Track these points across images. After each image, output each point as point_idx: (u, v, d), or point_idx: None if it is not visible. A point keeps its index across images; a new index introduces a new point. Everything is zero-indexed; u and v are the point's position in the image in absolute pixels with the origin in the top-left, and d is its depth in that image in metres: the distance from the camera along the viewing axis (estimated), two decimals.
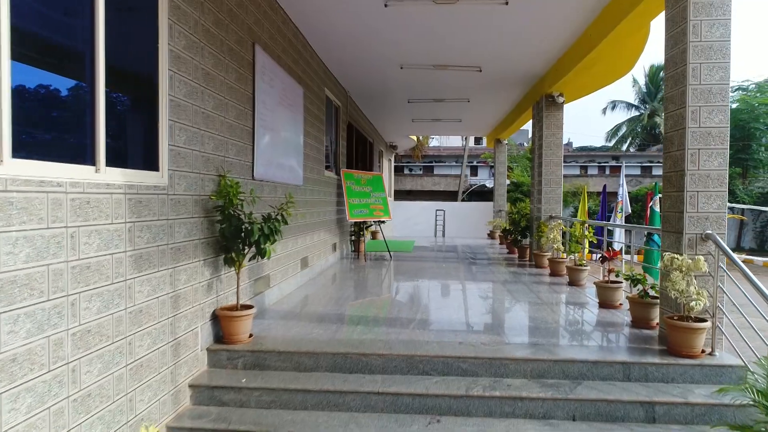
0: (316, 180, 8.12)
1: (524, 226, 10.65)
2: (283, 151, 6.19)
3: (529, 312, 5.56)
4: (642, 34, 7.27)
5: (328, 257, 9.03)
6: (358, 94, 11.29)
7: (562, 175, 9.40)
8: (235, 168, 4.71)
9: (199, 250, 3.97)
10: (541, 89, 9.43)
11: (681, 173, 4.19)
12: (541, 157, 9.44)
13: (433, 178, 36.76)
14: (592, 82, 9.03)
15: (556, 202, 9.39)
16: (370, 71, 9.17)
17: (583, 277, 7.20)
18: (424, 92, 10.96)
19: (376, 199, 10.65)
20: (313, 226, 7.83)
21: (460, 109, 12.92)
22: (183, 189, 3.70)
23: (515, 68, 8.81)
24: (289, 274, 6.55)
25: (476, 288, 7.18)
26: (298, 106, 6.85)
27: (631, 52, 7.86)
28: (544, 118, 9.33)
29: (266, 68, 5.50)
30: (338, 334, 4.54)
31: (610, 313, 5.48)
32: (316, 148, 8.11)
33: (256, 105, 5.22)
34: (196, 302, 3.95)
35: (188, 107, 3.76)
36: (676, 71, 4.28)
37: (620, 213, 11.03)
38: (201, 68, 3.97)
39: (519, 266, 9.59)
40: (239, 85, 4.81)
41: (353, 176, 10.18)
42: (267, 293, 5.63)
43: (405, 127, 16.36)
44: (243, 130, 4.93)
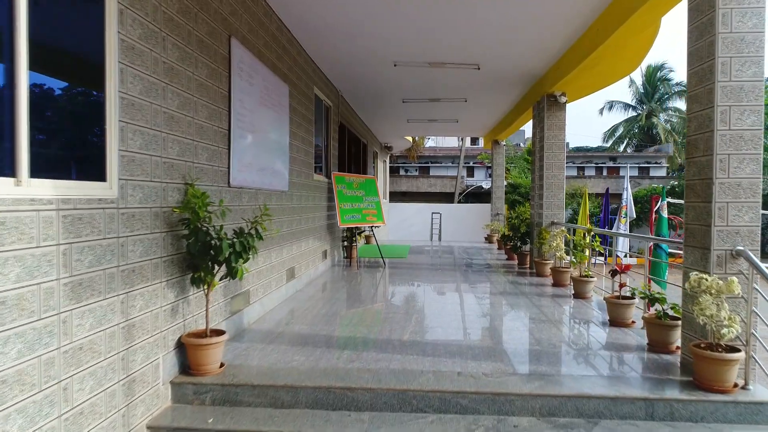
0: (305, 184, 7.62)
1: (524, 232, 10.18)
2: (266, 155, 5.69)
3: (533, 332, 5.08)
4: (651, 31, 6.81)
5: (318, 266, 8.53)
6: (351, 94, 10.79)
7: (564, 178, 8.93)
8: (206, 175, 4.20)
9: (160, 269, 3.46)
10: (542, 88, 8.96)
11: (708, 182, 3.71)
12: (542, 159, 8.97)
13: (429, 179, 36.28)
14: (596, 81, 8.56)
15: (558, 207, 8.91)
16: (362, 69, 8.68)
17: (589, 289, 6.72)
18: (419, 92, 10.47)
19: (369, 203, 10.15)
20: (300, 234, 7.32)
21: (457, 110, 12.44)
22: (139, 201, 3.20)
23: (515, 66, 8.34)
24: (273, 287, 6.04)
25: (475, 301, 6.69)
26: (283, 105, 6.35)
27: (637, 49, 7.40)
28: (545, 119, 8.86)
29: (245, 64, 4.99)
30: (321, 361, 4.04)
31: (623, 333, 5.00)
32: (305, 150, 7.61)
33: (232, 104, 4.72)
34: (157, 330, 3.44)
35: (145, 106, 3.26)
36: (701, 66, 3.80)
37: (624, 218, 10.58)
38: (163, 62, 3.46)
39: (519, 274, 9.11)
40: (212, 82, 4.30)
41: (345, 180, 9.67)
42: (246, 311, 5.12)
43: (400, 127, 15.87)
44: (217, 133, 4.42)
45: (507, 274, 9.23)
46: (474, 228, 19.22)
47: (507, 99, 10.97)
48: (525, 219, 10.56)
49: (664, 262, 8.08)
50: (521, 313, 5.95)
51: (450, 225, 21.03)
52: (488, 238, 16.16)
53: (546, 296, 6.93)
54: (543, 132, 8.94)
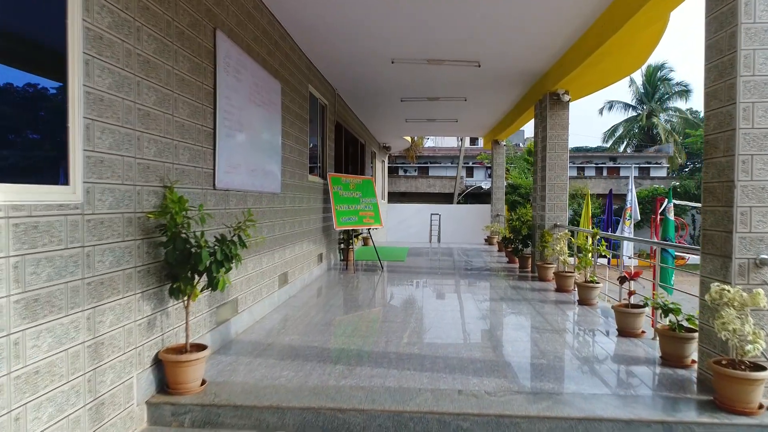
0: (298, 186, 7.33)
1: (525, 235, 9.90)
2: (256, 155, 5.40)
3: (538, 342, 4.79)
4: (659, 27, 6.53)
5: (313, 270, 8.24)
6: (348, 93, 10.50)
7: (567, 179, 8.65)
8: (188, 177, 3.91)
9: (135, 280, 3.17)
10: (545, 87, 8.68)
11: (728, 185, 3.43)
12: (545, 160, 8.69)
13: (428, 179, 36.00)
14: (600, 78, 8.28)
15: (561, 209, 8.63)
16: (359, 66, 8.40)
17: (594, 295, 6.44)
18: (417, 90, 10.19)
19: (366, 205, 9.87)
20: (294, 237, 7.04)
21: (457, 109, 12.16)
22: (108, 206, 2.91)
23: (516, 64, 8.06)
24: (264, 294, 5.75)
25: (475, 308, 6.41)
26: (275, 103, 6.06)
27: (644, 46, 7.12)
28: (548, 118, 8.58)
29: (232, 58, 4.71)
30: (312, 377, 3.75)
31: (633, 344, 4.71)
32: (298, 150, 7.33)
33: (218, 101, 4.43)
34: (131, 346, 3.15)
35: (116, 102, 2.97)
36: (721, 60, 3.52)
37: (629, 220, 10.30)
38: (136, 54, 3.17)
39: (520, 278, 8.83)
40: (195, 77, 4.01)
41: (341, 181, 9.39)
42: (234, 320, 4.83)
43: (398, 127, 15.59)
44: (200, 131, 4.14)
45: (508, 278, 8.95)
46: (474, 229, 18.94)
47: (508, 98, 10.69)
48: (526, 221, 10.29)
49: (671, 268, 7.79)
50: (524, 322, 5.67)
51: (449, 226, 20.76)
52: (488, 239, 15.88)
53: (549, 302, 6.64)
54: (545, 131, 8.67)
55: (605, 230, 10.98)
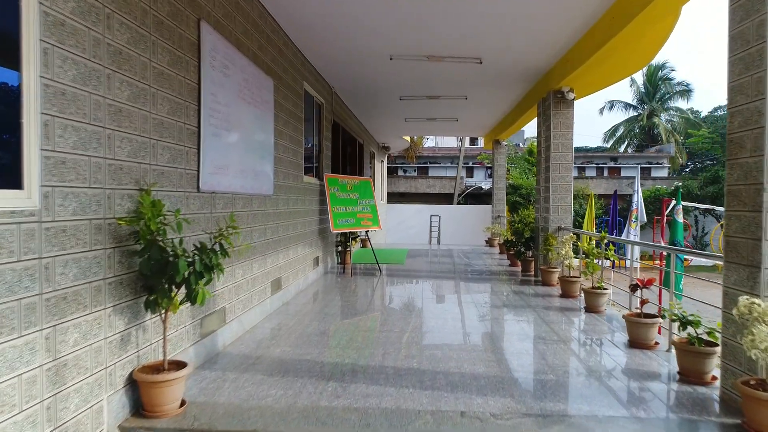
0: (293, 187, 7.04)
1: (528, 237, 9.60)
2: (246, 156, 5.11)
3: (545, 355, 4.50)
4: (670, 21, 6.25)
5: (308, 274, 7.95)
6: (345, 91, 10.21)
7: (572, 180, 8.36)
8: (169, 179, 3.62)
9: (105, 293, 2.88)
10: (548, 84, 8.39)
11: (756, 188, 3.14)
12: (549, 160, 8.40)
13: (428, 179, 35.69)
14: (606, 76, 8.00)
15: (566, 211, 8.34)
16: (355, 63, 8.10)
17: (602, 302, 6.14)
18: (417, 88, 9.89)
19: (364, 206, 9.57)
20: (288, 241, 6.74)
21: (457, 108, 11.86)
22: (72, 212, 2.61)
23: (519, 60, 7.76)
24: (255, 302, 5.46)
25: (477, 316, 6.12)
26: (267, 101, 5.77)
27: (653, 41, 6.83)
28: (551, 117, 8.29)
29: (218, 52, 4.41)
30: (302, 396, 3.45)
31: (647, 357, 4.42)
32: (293, 150, 7.03)
33: (203, 98, 4.13)
34: (100, 366, 2.86)
35: (82, 97, 2.67)
36: (747, 51, 3.23)
37: (635, 222, 10.00)
38: (106, 44, 2.88)
39: (523, 283, 8.53)
40: (176, 71, 3.72)
41: (338, 182, 9.10)
42: (221, 331, 4.54)
43: (397, 127, 15.29)
44: (183, 130, 3.84)
45: (510, 282, 8.65)
46: (474, 230, 18.66)
47: (510, 96, 10.40)
48: (529, 223, 9.99)
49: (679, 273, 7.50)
50: (529, 331, 5.38)
51: (449, 227, 20.48)
52: (489, 241, 15.59)
53: (555, 309, 6.35)
54: (549, 131, 8.37)
55: (610, 232, 10.69)
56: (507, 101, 10.94)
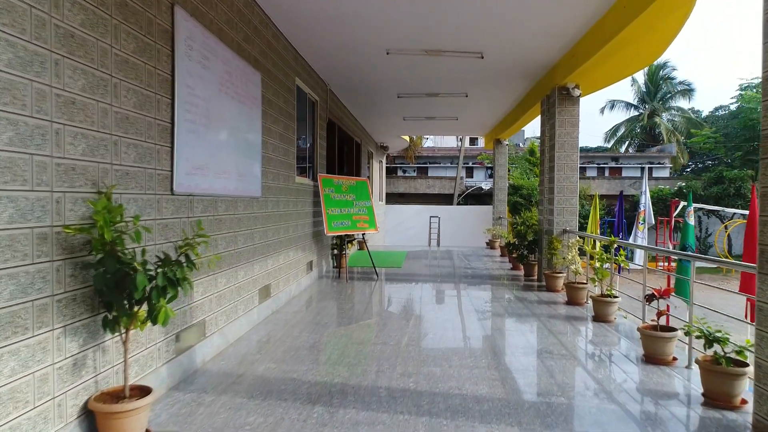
0: (284, 189, 6.66)
1: (531, 240, 9.22)
2: (229, 155, 4.73)
3: (554, 372, 4.12)
4: (683, 12, 5.86)
5: (301, 280, 7.57)
6: (341, 88, 9.83)
7: (578, 181, 7.98)
8: (135, 180, 3.24)
9: (53, 312, 2.50)
10: (553, 80, 8.01)
11: None
12: (553, 160, 8.02)
13: (427, 180, 35.30)
14: (613, 71, 7.61)
15: (572, 213, 7.96)
16: (351, 58, 7.72)
17: (613, 311, 5.77)
18: (415, 86, 9.51)
19: (360, 208, 9.19)
20: (278, 245, 6.36)
21: (457, 106, 11.48)
22: (7, 220, 2.23)
23: (523, 54, 7.38)
24: (240, 311, 5.08)
25: (479, 325, 5.74)
26: (254, 96, 5.39)
27: (665, 33, 6.44)
28: (556, 114, 7.91)
29: (196, 41, 4.03)
30: (283, 425, 3.07)
31: (666, 375, 4.04)
32: (284, 149, 6.65)
33: (178, 90, 3.75)
34: (46, 396, 2.48)
35: (20, 85, 2.29)
36: None
37: (642, 224, 9.62)
38: (54, 25, 2.50)
39: (526, 288, 8.15)
40: (144, 59, 3.34)
41: (333, 182, 8.71)
42: (200, 346, 4.15)
43: (396, 126, 14.91)
44: (153, 126, 3.46)
45: (513, 287, 8.27)
46: (474, 231, 18.28)
47: (512, 93, 10.02)
48: (532, 225, 9.61)
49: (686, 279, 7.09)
50: (535, 343, 5.00)
51: (449, 228, 20.10)
52: (490, 243, 15.21)
53: (561, 318, 5.97)
54: (554, 129, 7.99)
55: (616, 235, 10.32)
56: (509, 99, 10.56)
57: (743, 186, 23.25)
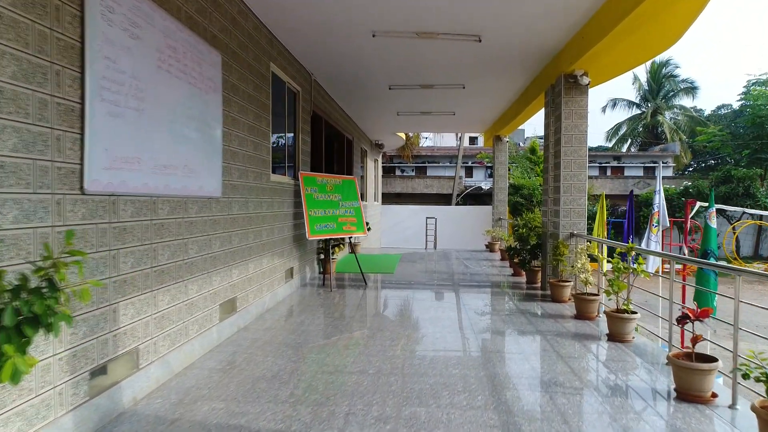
0: (254, 188, 5.86)
1: (534, 244, 8.43)
2: (174, 146, 3.94)
3: (567, 415, 3.33)
4: None
5: (278, 289, 6.77)
6: (327, 78, 9.03)
7: (586, 179, 7.19)
8: (17, 175, 2.44)
9: None
10: (559, 67, 7.22)
11: None
12: (559, 156, 7.22)
13: (425, 179, 34.48)
14: (626, 57, 6.81)
15: (579, 215, 7.17)
16: (334, 42, 6.93)
17: (631, 329, 4.98)
18: (407, 76, 8.72)
19: (347, 209, 8.40)
20: (246, 252, 5.57)
21: (454, 99, 10.69)
22: None
23: (526, 37, 6.59)
24: (192, 333, 4.29)
25: (477, 346, 4.95)
26: (211, 79, 4.60)
27: (686, 13, 5.66)
28: (562, 105, 7.11)
29: (121, 3, 3.23)
30: None
31: (706, 419, 3.24)
32: (254, 143, 5.86)
33: (90, 62, 2.95)
34: None
35: None
36: None
37: (656, 227, 8.82)
38: None
39: (529, 297, 7.36)
40: (31, 16, 2.54)
41: (316, 181, 7.92)
42: (130, 381, 3.36)
43: (389, 121, 14.11)
44: (47, 105, 2.66)
45: (515, 297, 7.48)
46: (473, 233, 17.51)
47: (513, 83, 9.21)
48: (534, 227, 8.82)
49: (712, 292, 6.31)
50: (543, 372, 4.20)
51: (447, 229, 19.32)
52: (489, 245, 14.42)
53: (570, 337, 5.18)
54: (559, 122, 7.20)
55: (626, 238, 9.52)
56: (510, 90, 9.76)
57: (752, 185, 22.45)
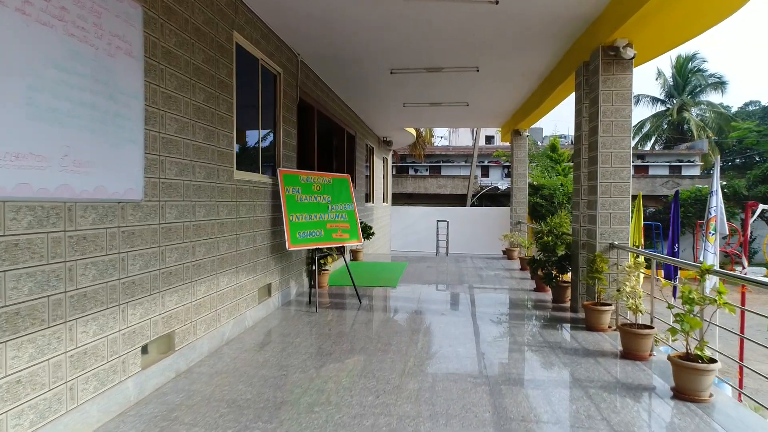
0: (209, 188, 4.58)
1: (562, 256, 7.03)
2: (40, 126, 2.66)
3: None
4: None
5: (246, 313, 5.49)
6: (317, 59, 7.73)
7: (630, 177, 5.78)
8: None
9: None
10: (595, 38, 5.82)
11: None
12: (595, 147, 5.83)
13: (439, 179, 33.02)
14: (679, 25, 5.38)
15: (621, 221, 5.76)
16: (320, 12, 5.62)
17: (707, 384, 3.58)
18: (411, 56, 7.37)
19: (338, 213, 7.08)
20: (193, 271, 4.29)
21: (467, 86, 9.31)
22: None
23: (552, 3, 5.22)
24: (86, 394, 3.01)
25: (490, 412, 3.60)
26: (121, 38, 3.31)
27: None
28: (599, 85, 5.71)
29: None
30: None
31: None
32: (206, 130, 4.58)
33: None
34: None
35: None
36: None
37: (713, 235, 7.35)
38: None
39: (558, 322, 5.97)
40: None
41: (299, 180, 6.62)
42: None
43: (396, 115, 12.75)
44: None
45: (540, 323, 6.09)
46: (490, 236, 16.09)
47: (537, 62, 7.80)
48: (561, 235, 7.42)
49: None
50: None
51: (461, 232, 17.91)
52: (507, 252, 13.00)
53: (621, 391, 3.80)
54: (596, 106, 5.80)
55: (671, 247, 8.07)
56: (532, 71, 8.34)
57: None
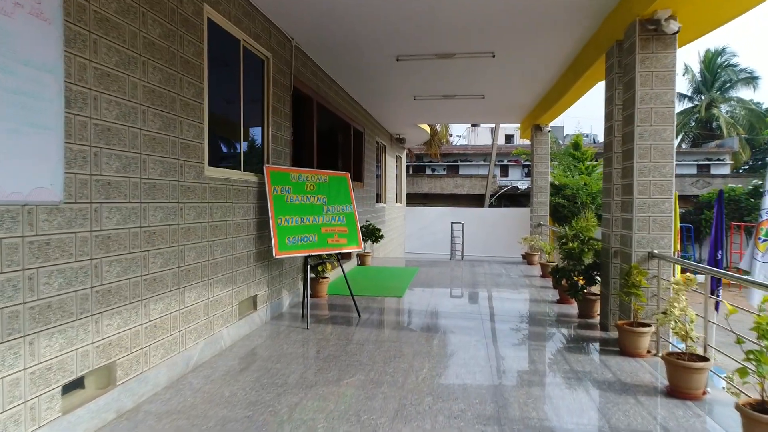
0: (169, 187, 3.85)
1: (590, 264, 6.15)
2: None
3: None
4: None
5: (222, 332, 4.76)
6: (314, 45, 6.96)
7: (673, 174, 4.89)
8: None
9: None
10: (630, 10, 4.95)
11: None
12: (631, 139, 4.95)
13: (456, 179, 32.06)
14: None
15: (663, 226, 4.87)
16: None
17: None
18: (419, 40, 6.55)
19: (335, 216, 6.31)
20: (145, 287, 3.56)
21: (482, 75, 8.46)
22: None
23: None
24: None
25: None
26: None
27: None
28: (636, 65, 4.83)
29: None
30: None
31: None
32: (167, 119, 3.85)
33: None
34: None
35: None
36: None
37: (764, 241, 6.39)
38: None
39: (585, 342, 5.11)
40: None
41: (289, 178, 5.87)
42: None
43: (407, 109, 11.93)
44: None
45: (565, 345, 5.23)
46: (509, 238, 15.19)
47: (561, 44, 6.90)
48: (588, 240, 6.54)
49: None
50: None
51: (479, 234, 17.03)
52: (526, 256, 12.09)
53: None
54: (632, 90, 4.92)
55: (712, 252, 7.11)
56: (555, 56, 7.45)
57: None
